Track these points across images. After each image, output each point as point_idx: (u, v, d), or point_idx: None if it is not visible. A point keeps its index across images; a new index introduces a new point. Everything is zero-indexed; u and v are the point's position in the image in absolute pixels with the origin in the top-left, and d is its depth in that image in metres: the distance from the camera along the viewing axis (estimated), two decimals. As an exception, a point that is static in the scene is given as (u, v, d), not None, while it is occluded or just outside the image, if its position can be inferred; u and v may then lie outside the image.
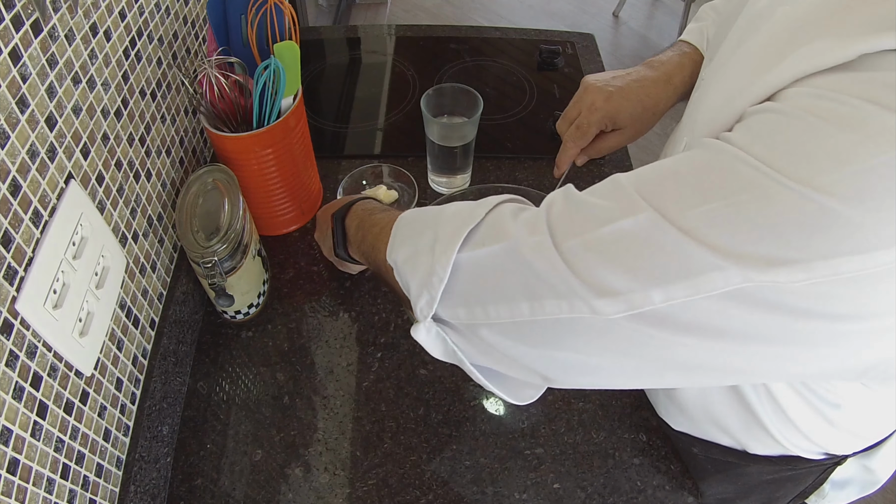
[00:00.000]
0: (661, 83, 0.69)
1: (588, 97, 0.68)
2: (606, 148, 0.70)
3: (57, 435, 0.50)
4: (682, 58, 0.71)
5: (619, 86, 0.68)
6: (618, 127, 0.68)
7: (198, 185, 0.71)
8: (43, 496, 0.47)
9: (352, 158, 0.97)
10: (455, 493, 0.66)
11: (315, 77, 1.12)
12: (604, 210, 0.37)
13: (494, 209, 0.43)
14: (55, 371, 0.50)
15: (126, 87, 0.63)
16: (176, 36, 0.77)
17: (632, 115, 0.67)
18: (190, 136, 0.82)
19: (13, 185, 0.45)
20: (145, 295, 0.67)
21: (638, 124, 0.68)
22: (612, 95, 0.67)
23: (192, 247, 0.67)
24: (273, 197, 0.82)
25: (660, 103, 0.69)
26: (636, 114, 0.67)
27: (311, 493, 0.66)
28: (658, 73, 0.70)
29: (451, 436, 0.70)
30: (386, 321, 0.79)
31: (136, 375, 0.65)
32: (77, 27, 0.54)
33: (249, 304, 0.77)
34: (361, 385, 0.73)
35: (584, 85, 0.70)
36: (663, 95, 0.69)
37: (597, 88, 0.68)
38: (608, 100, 0.66)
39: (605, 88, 0.68)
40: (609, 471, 0.67)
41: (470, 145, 0.86)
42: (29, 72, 0.47)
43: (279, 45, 0.71)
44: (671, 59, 0.72)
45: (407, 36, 1.21)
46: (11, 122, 0.45)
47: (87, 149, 0.55)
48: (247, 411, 0.72)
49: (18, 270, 0.45)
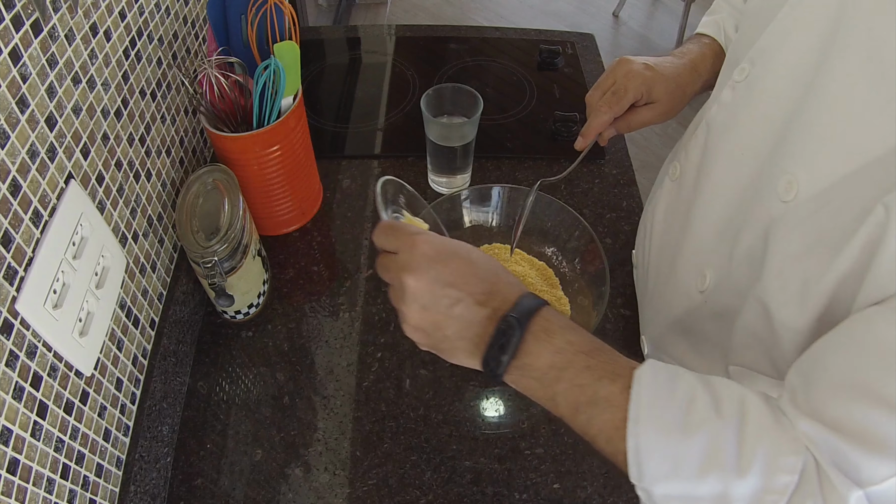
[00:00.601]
0: (689, 69, 0.69)
1: (624, 66, 0.67)
2: (637, 122, 0.68)
3: (57, 435, 0.50)
4: (703, 48, 0.71)
5: (655, 63, 0.68)
6: (652, 100, 0.67)
7: (198, 185, 0.71)
8: (43, 496, 0.47)
9: (352, 158, 0.97)
10: (455, 493, 0.66)
11: (315, 77, 1.12)
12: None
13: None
14: (55, 371, 0.50)
15: (126, 87, 0.63)
16: (176, 36, 0.77)
17: (667, 89, 0.66)
18: (190, 136, 0.82)
19: (13, 185, 0.45)
20: (145, 295, 0.67)
21: (671, 102, 0.68)
22: (649, 67, 0.67)
23: (192, 247, 0.67)
24: (273, 197, 0.82)
25: (688, 87, 0.69)
26: (671, 89, 0.67)
27: (311, 493, 0.66)
28: (685, 60, 0.70)
29: (451, 436, 0.70)
30: (386, 321, 0.79)
31: (136, 375, 0.65)
32: (77, 27, 0.54)
33: (249, 304, 0.77)
34: (361, 385, 0.73)
35: (620, 59, 0.69)
36: (691, 80, 0.69)
37: (633, 60, 0.67)
38: (647, 69, 0.66)
39: (643, 62, 0.67)
40: (609, 471, 0.67)
41: (470, 145, 0.86)
42: (29, 72, 0.47)
43: (279, 45, 0.71)
44: (692, 50, 0.72)
45: (407, 36, 1.21)
46: (11, 122, 0.45)
47: (87, 149, 0.55)
48: (247, 411, 0.72)
49: (18, 270, 0.45)
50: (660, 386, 0.41)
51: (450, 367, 0.75)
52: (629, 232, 0.89)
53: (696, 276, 0.58)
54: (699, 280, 0.57)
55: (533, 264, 0.83)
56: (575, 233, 0.79)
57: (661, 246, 0.66)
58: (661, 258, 0.66)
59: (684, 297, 0.60)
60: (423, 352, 0.46)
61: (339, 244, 0.87)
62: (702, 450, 0.38)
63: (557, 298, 0.79)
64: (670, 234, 0.64)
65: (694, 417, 0.39)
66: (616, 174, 0.96)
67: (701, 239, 0.58)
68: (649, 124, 0.69)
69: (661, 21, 2.97)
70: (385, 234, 0.47)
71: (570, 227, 0.79)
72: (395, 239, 0.46)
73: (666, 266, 0.64)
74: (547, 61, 1.13)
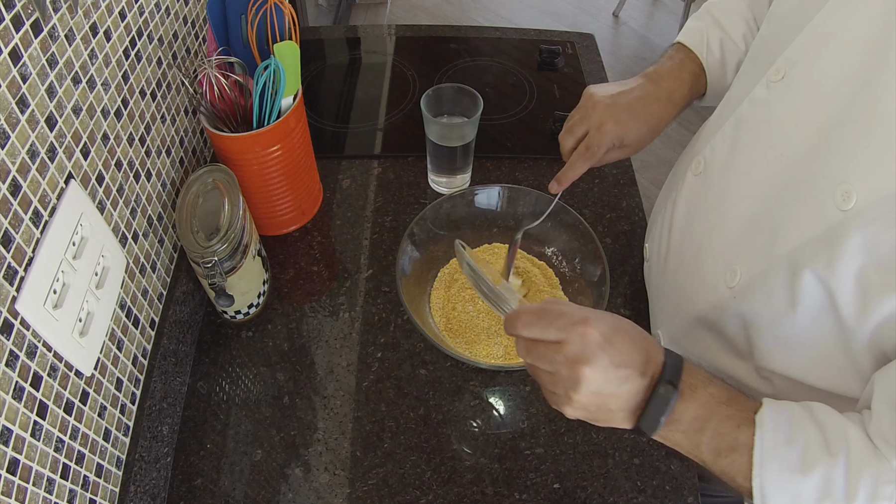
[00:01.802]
0: (664, 101, 0.70)
1: (596, 116, 0.68)
2: (608, 160, 0.70)
3: (57, 435, 0.50)
4: (681, 70, 0.72)
5: (627, 103, 0.68)
6: (624, 145, 0.69)
7: (198, 185, 0.71)
8: (43, 496, 0.47)
9: (352, 158, 0.97)
10: (455, 493, 0.66)
11: (315, 77, 1.12)
12: None
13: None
14: (55, 371, 0.50)
15: (126, 87, 0.63)
16: (176, 36, 0.77)
17: (639, 135, 0.68)
18: (190, 136, 0.82)
19: (13, 185, 0.45)
20: (145, 295, 0.67)
21: (642, 143, 0.70)
22: (620, 117, 0.67)
23: (192, 247, 0.67)
24: (273, 197, 0.82)
25: (662, 121, 0.70)
26: (642, 134, 0.69)
27: (311, 493, 0.66)
28: (661, 89, 0.70)
29: (451, 436, 0.70)
30: (386, 321, 0.79)
31: (136, 375, 0.65)
32: (77, 27, 0.54)
33: (249, 304, 0.77)
34: (361, 385, 0.73)
35: (592, 100, 0.69)
36: (665, 114, 0.70)
37: (605, 106, 0.68)
38: (618, 122, 0.67)
39: (613, 108, 0.68)
40: (609, 471, 0.67)
41: (470, 145, 0.86)
42: (29, 72, 0.47)
43: (279, 45, 0.71)
44: (671, 72, 0.72)
45: (407, 36, 1.21)
46: (11, 122, 0.45)
47: (87, 149, 0.55)
48: (247, 411, 0.72)
49: (18, 270, 0.45)
50: (779, 430, 0.46)
51: (450, 367, 0.75)
52: (629, 232, 0.89)
53: (723, 270, 0.58)
54: (728, 276, 0.58)
55: (533, 264, 0.83)
56: (575, 233, 0.79)
57: (683, 240, 0.67)
58: (682, 251, 0.66)
59: (710, 292, 0.61)
60: (423, 352, 0.46)
61: (339, 244, 0.87)
62: (817, 486, 0.44)
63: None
64: (694, 228, 0.65)
65: (809, 457, 0.45)
66: (616, 174, 0.96)
67: (729, 234, 0.59)
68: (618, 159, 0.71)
69: (661, 21, 2.97)
70: (540, 322, 0.46)
71: (570, 227, 0.79)
72: (558, 329, 0.46)
73: (689, 259, 0.64)
74: (547, 61, 1.13)
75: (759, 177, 0.56)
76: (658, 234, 0.73)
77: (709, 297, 0.61)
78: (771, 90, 0.56)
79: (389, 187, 0.93)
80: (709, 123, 0.70)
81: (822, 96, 0.50)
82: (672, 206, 0.70)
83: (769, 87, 0.56)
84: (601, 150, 0.67)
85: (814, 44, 0.52)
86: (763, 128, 0.57)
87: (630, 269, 0.84)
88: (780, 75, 0.55)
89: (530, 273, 0.81)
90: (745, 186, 0.57)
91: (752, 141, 0.58)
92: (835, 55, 0.50)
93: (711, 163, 0.63)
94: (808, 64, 0.52)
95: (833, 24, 0.51)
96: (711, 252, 0.61)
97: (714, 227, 0.61)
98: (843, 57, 0.49)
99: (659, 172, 2.11)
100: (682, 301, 0.66)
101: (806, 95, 0.52)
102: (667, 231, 0.70)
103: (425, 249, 0.80)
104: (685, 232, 0.67)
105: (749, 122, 0.59)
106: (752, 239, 0.56)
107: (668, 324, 0.70)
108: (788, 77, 0.54)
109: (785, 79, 0.55)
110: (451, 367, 0.75)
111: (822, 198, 0.48)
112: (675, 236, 0.68)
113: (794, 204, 0.51)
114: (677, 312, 0.67)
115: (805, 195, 0.50)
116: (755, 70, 0.61)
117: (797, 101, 0.53)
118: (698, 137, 0.72)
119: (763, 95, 0.57)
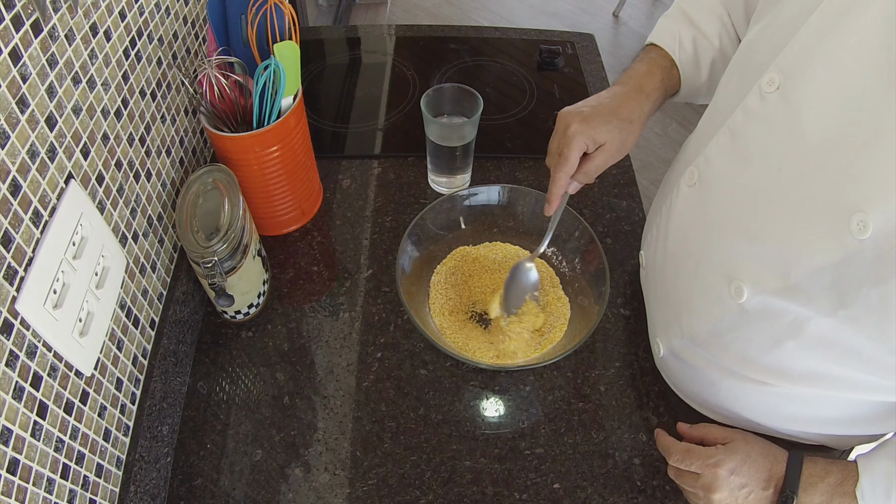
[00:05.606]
0: (633, 94, 0.69)
1: (563, 121, 0.68)
2: (594, 169, 0.69)
3: (57, 435, 0.50)
4: (650, 66, 0.72)
5: (593, 105, 0.68)
6: (599, 143, 0.67)
7: (198, 185, 0.71)
8: (43, 496, 0.47)
9: (352, 158, 0.97)
10: (455, 493, 0.66)
11: (315, 77, 1.12)
12: None
13: None
14: (55, 371, 0.50)
15: (126, 87, 0.63)
16: (176, 36, 0.77)
17: (609, 129, 0.67)
18: (190, 136, 0.82)
19: (13, 185, 0.45)
20: (145, 295, 0.67)
21: (619, 137, 0.68)
22: (586, 116, 0.67)
23: (192, 247, 0.67)
24: (273, 197, 0.82)
25: (635, 113, 0.69)
26: (613, 127, 0.67)
27: (311, 493, 0.66)
28: (628, 86, 0.70)
29: (451, 436, 0.70)
30: (386, 321, 0.79)
31: (136, 375, 0.65)
32: (77, 27, 0.54)
33: (249, 304, 0.77)
34: (361, 385, 0.73)
35: (560, 115, 0.70)
36: (637, 105, 0.69)
37: (571, 113, 0.68)
38: (584, 121, 0.66)
39: (579, 112, 0.68)
40: (609, 471, 0.67)
41: (470, 145, 0.86)
42: (29, 72, 0.47)
43: (279, 45, 0.71)
44: (638, 70, 0.72)
45: (407, 36, 1.21)
46: (11, 122, 0.45)
47: (87, 149, 0.55)
48: (247, 411, 0.72)
49: (18, 270, 0.45)
50: (877, 499, 0.53)
51: (450, 367, 0.75)
52: (629, 232, 0.89)
53: (725, 284, 0.58)
54: (735, 293, 0.57)
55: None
56: (575, 233, 0.79)
57: (679, 250, 0.66)
58: (679, 262, 0.66)
59: (713, 305, 0.60)
60: (423, 352, 0.46)
61: (339, 244, 0.87)
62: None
63: (557, 298, 0.80)
64: (691, 239, 0.64)
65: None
66: (616, 174, 0.96)
67: (729, 248, 0.58)
68: (606, 166, 0.69)
69: (661, 21, 2.97)
70: (686, 459, 0.61)
71: (570, 227, 0.79)
72: (697, 467, 0.60)
73: (688, 271, 0.64)
74: (547, 61, 1.13)
75: (760, 193, 0.55)
76: (653, 243, 0.72)
77: (713, 311, 0.60)
78: (766, 102, 0.54)
79: (389, 187, 0.93)
80: (699, 130, 0.68)
81: (823, 112, 0.49)
82: (666, 214, 0.69)
83: (763, 99, 0.54)
84: (573, 152, 0.66)
85: (807, 52, 0.50)
86: (762, 143, 0.55)
87: (630, 269, 0.84)
88: (775, 86, 0.53)
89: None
90: (744, 201, 0.56)
91: (750, 156, 0.56)
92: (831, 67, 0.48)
93: (706, 174, 0.62)
94: (804, 75, 0.50)
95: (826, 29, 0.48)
96: (710, 265, 0.60)
97: (713, 241, 0.60)
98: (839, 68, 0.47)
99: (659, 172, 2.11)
100: (683, 311, 0.65)
101: (805, 109, 0.50)
102: (662, 240, 0.70)
103: (425, 249, 0.80)
104: (681, 243, 0.66)
105: (746, 137, 0.57)
106: (760, 256, 0.54)
107: (667, 333, 0.69)
108: (784, 89, 0.52)
109: (780, 90, 0.52)
110: (451, 367, 0.75)
111: (835, 223, 0.47)
112: (672, 246, 0.67)
113: (805, 226, 0.50)
114: (676, 322, 0.67)
115: (815, 218, 0.49)
116: (746, 77, 0.59)
117: (796, 115, 0.51)
118: (689, 144, 0.71)
119: (758, 107, 0.55)
